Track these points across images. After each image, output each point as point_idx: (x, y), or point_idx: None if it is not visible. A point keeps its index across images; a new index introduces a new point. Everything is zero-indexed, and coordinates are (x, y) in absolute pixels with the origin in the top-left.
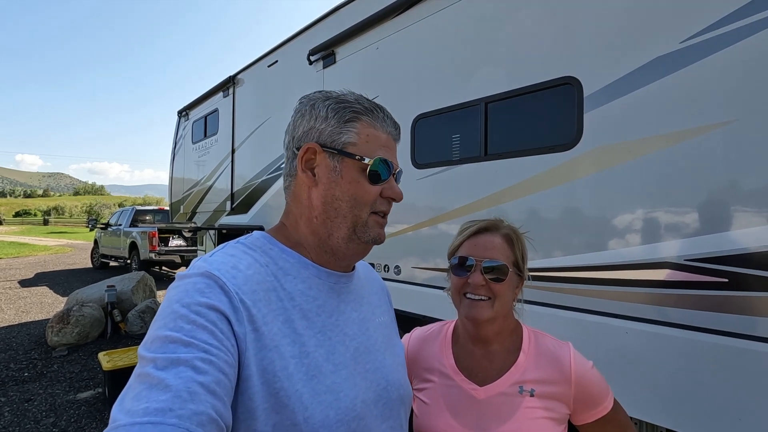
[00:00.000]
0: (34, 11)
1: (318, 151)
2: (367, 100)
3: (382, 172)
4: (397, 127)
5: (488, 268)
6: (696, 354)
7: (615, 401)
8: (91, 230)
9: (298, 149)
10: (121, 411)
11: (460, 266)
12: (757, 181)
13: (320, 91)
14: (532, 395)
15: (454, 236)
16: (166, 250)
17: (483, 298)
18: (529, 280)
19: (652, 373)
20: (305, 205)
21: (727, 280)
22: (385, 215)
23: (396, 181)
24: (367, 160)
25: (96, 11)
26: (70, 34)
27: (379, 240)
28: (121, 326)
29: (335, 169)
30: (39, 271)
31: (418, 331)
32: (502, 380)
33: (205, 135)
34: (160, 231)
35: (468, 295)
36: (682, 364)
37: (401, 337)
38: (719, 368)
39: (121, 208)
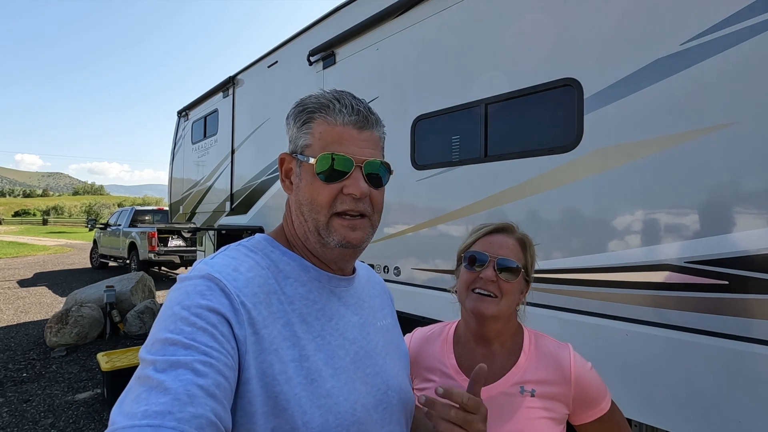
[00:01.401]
0: (33, 8)
1: (290, 160)
2: (330, 93)
3: (334, 169)
4: (360, 113)
5: (501, 266)
6: (696, 356)
7: (612, 402)
8: (91, 230)
9: None
10: (121, 413)
11: (473, 262)
12: (757, 184)
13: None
14: (532, 395)
15: (467, 236)
16: (165, 251)
17: (491, 294)
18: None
19: (652, 375)
20: (289, 211)
21: (727, 283)
22: (359, 215)
23: (378, 172)
24: (311, 160)
25: (96, 8)
26: (71, 32)
27: (348, 243)
28: (120, 327)
29: (298, 175)
30: (38, 271)
31: (419, 332)
32: (504, 380)
33: (205, 135)
34: (160, 231)
35: (476, 291)
36: (683, 367)
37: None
38: (720, 370)
39: (121, 208)
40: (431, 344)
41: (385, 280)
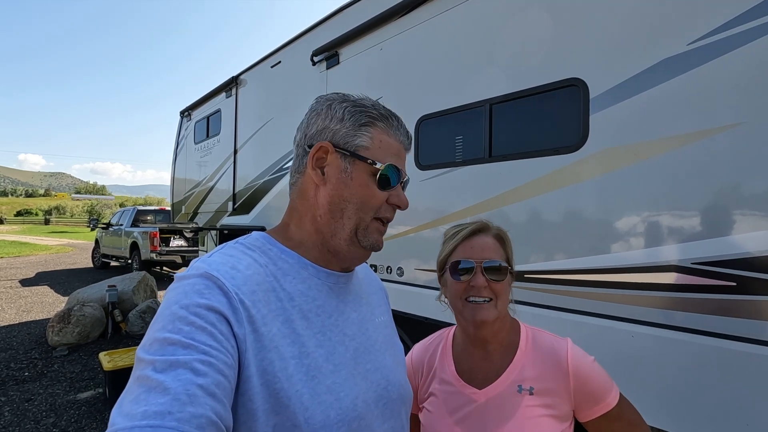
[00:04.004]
0: (39, 13)
1: (330, 151)
2: (383, 107)
3: (391, 179)
4: (409, 137)
5: (489, 269)
6: (702, 358)
7: (622, 398)
8: (93, 230)
9: (309, 147)
10: (120, 414)
11: (459, 270)
12: (764, 184)
13: (338, 93)
14: (531, 393)
15: (443, 244)
16: (167, 251)
17: (486, 299)
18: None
19: (658, 377)
20: (311, 203)
21: (735, 284)
22: (386, 222)
23: (403, 189)
24: (379, 165)
25: (101, 13)
26: (76, 36)
27: (377, 247)
28: (122, 326)
29: (346, 170)
30: (40, 270)
31: (418, 345)
32: (501, 380)
33: (208, 135)
34: (162, 231)
35: (471, 299)
36: (689, 368)
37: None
38: (726, 372)
39: (123, 208)
40: (431, 354)
41: (388, 281)
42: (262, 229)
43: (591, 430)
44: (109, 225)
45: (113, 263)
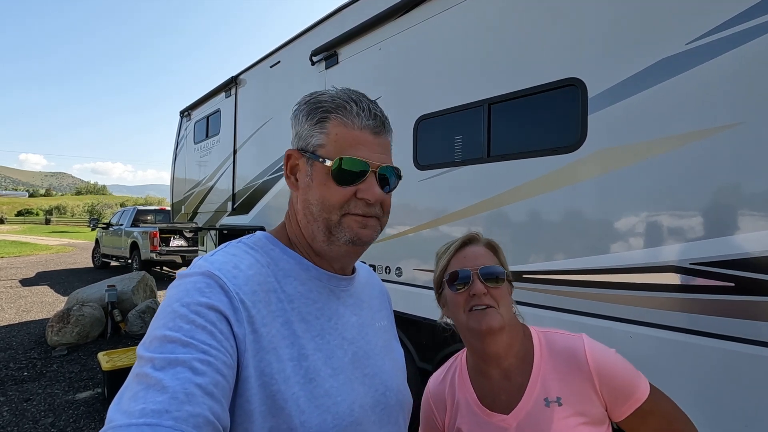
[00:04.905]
0: (40, 12)
1: (297, 157)
2: (346, 94)
3: (349, 172)
4: (377, 117)
5: (485, 275)
6: (701, 359)
7: (654, 390)
8: (93, 230)
9: None
10: (118, 411)
11: (456, 282)
12: (763, 184)
13: (311, 93)
14: (560, 404)
15: (436, 264)
16: (167, 250)
17: (489, 306)
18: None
19: (657, 379)
20: (294, 209)
21: (733, 285)
22: (369, 216)
23: (390, 177)
24: (328, 162)
25: (101, 12)
26: (76, 35)
27: (359, 240)
28: (122, 326)
29: (308, 173)
30: (40, 270)
31: (433, 379)
32: (525, 399)
33: (207, 135)
34: (162, 231)
35: (474, 309)
36: (687, 369)
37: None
38: (725, 373)
39: (123, 208)
40: (449, 383)
41: (387, 281)
42: (262, 229)
43: (627, 430)
44: (109, 225)
45: (113, 263)
